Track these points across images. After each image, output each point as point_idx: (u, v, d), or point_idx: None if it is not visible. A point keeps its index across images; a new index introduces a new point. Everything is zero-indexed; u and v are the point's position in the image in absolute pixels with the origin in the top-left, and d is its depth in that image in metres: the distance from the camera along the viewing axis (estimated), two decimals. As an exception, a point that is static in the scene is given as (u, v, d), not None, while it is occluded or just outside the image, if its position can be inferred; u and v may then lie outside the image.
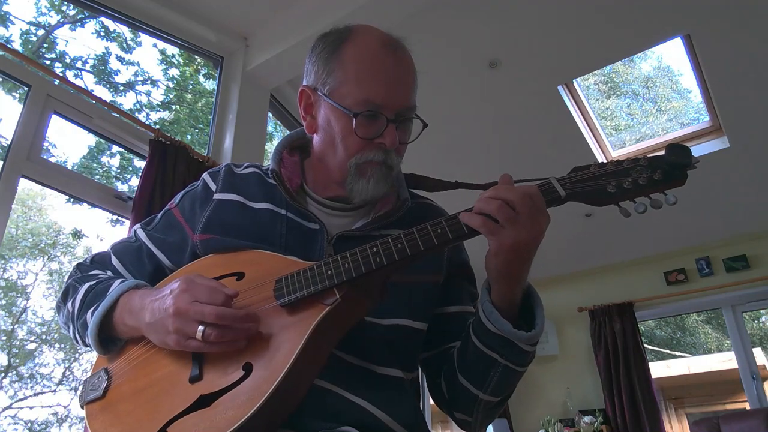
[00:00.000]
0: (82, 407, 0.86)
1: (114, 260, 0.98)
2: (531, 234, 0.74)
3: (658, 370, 7.67)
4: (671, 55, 6.37)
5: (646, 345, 4.87)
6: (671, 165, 0.75)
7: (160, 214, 1.01)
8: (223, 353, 0.75)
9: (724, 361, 7.27)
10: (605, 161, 0.80)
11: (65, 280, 0.99)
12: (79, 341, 0.91)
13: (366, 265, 0.75)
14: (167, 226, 0.98)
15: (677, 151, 0.74)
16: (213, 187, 0.98)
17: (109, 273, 0.97)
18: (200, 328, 0.72)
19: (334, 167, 0.91)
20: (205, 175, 1.01)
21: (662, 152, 0.76)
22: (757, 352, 6.03)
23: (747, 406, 4.48)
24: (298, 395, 0.75)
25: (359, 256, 0.76)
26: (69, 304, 0.92)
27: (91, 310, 0.86)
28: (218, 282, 0.79)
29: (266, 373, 0.71)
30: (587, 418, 4.59)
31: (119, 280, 0.89)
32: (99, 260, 1.00)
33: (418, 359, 0.96)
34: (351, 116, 0.86)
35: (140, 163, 3.05)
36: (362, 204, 0.94)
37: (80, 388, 0.89)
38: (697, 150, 3.96)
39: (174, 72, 4.26)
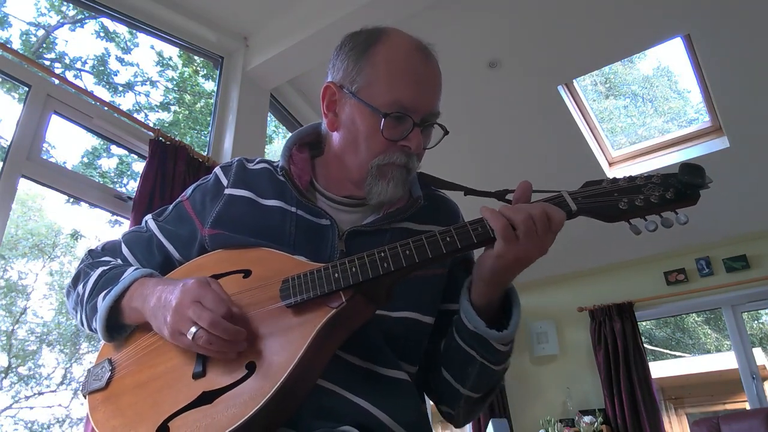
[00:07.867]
0: (84, 397, 0.86)
1: (124, 249, 0.98)
2: (537, 250, 0.76)
3: (658, 370, 7.67)
4: (671, 55, 6.36)
5: (645, 345, 4.87)
6: (684, 184, 0.75)
7: (171, 206, 1.01)
8: None
9: (724, 361, 7.26)
10: (618, 177, 0.79)
11: (77, 265, 0.99)
12: (85, 325, 0.92)
13: (373, 270, 0.75)
14: (178, 218, 0.98)
15: (691, 170, 0.75)
16: (224, 181, 0.97)
17: (119, 261, 0.97)
18: (192, 329, 0.72)
19: (354, 166, 0.90)
20: (217, 169, 1.00)
21: (676, 171, 0.76)
22: (757, 352, 6.03)
23: (747, 406, 4.47)
24: (300, 396, 0.75)
25: (366, 261, 0.76)
26: (80, 287, 0.92)
27: (102, 294, 0.86)
28: (230, 297, 0.78)
29: (269, 373, 0.72)
30: (587, 418, 4.58)
31: (133, 267, 0.89)
32: (110, 248, 1.00)
33: (421, 352, 0.95)
34: (380, 116, 0.85)
35: (138, 167, 3.05)
36: (378, 205, 0.94)
37: (84, 375, 0.89)
38: (697, 150, 3.96)
39: (171, 74, 4.26)
